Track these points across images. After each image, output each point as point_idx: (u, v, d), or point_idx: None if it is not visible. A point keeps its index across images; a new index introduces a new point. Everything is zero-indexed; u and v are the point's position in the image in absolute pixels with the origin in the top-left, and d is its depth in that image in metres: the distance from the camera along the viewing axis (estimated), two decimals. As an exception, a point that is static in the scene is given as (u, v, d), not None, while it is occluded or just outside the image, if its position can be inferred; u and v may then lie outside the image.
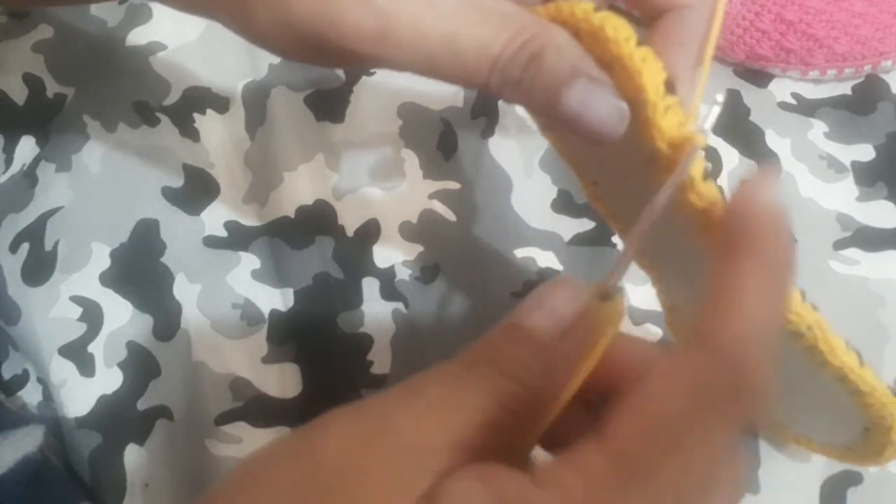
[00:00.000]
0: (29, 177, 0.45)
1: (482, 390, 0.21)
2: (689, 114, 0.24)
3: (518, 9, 0.24)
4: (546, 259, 0.43)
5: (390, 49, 0.24)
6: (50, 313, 0.42)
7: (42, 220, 0.44)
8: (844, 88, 0.47)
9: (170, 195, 0.45)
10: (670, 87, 0.23)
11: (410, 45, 0.24)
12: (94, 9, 0.50)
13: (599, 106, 0.23)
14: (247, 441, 0.39)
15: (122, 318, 0.42)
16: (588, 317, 0.22)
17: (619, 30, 0.23)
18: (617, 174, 0.30)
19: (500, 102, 0.47)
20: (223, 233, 0.44)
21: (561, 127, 0.24)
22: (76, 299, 0.42)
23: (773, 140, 0.46)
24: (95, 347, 0.41)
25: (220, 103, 0.47)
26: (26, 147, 0.46)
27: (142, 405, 0.40)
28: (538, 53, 0.23)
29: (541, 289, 0.23)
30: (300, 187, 0.45)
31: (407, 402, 0.22)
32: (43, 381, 0.41)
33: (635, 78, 0.23)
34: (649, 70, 0.23)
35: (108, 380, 0.41)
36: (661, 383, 0.19)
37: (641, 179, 0.25)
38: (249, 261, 0.43)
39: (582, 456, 0.19)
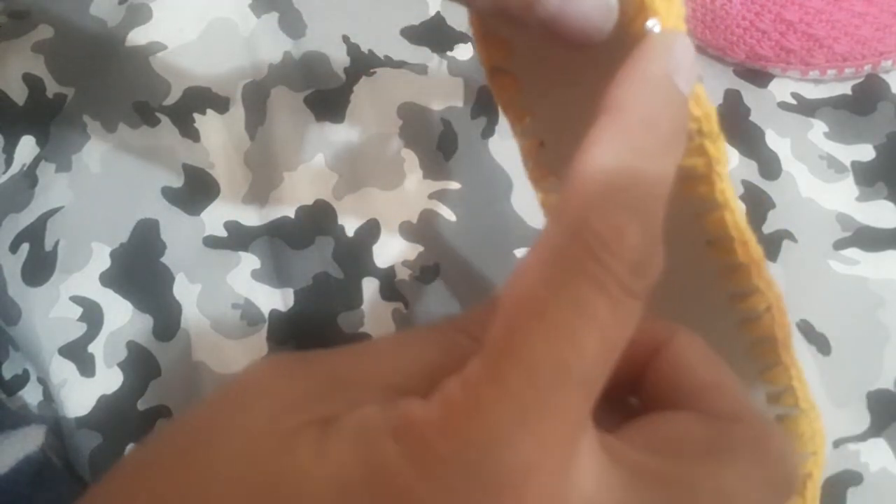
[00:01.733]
0: (29, 177, 0.45)
1: (430, 340, 0.20)
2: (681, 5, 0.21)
3: None
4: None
5: None
6: (50, 313, 0.42)
7: (42, 220, 0.44)
8: (844, 88, 0.47)
9: (170, 195, 0.45)
10: None
11: None
12: (94, 9, 0.50)
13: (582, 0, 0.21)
14: (247, 441, 0.39)
15: (122, 318, 0.42)
16: None
17: None
18: (578, 122, 0.25)
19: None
20: (223, 233, 0.44)
21: (542, 35, 0.22)
22: (76, 299, 0.42)
23: (773, 140, 0.46)
24: (95, 347, 0.41)
25: (220, 103, 0.47)
26: (26, 147, 0.46)
27: (142, 405, 0.40)
28: None
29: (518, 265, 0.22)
30: (300, 187, 0.45)
31: (350, 346, 0.20)
32: (43, 381, 0.41)
33: None
34: None
35: (108, 380, 0.41)
36: (518, 268, 0.18)
37: None
38: (249, 261, 0.43)
39: (465, 366, 0.18)
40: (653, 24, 0.20)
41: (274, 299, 0.42)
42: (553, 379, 0.17)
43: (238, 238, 0.44)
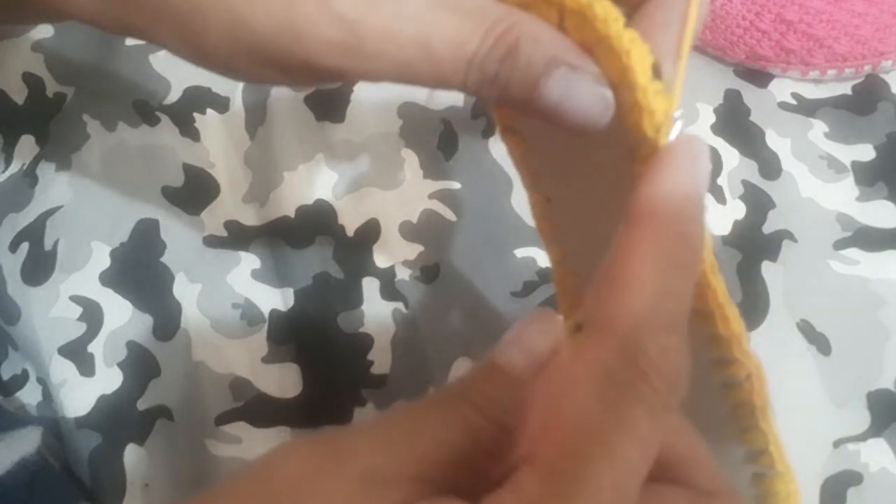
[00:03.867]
0: (29, 176, 0.45)
1: (449, 422, 0.20)
2: (674, 101, 0.22)
3: (491, 0, 0.23)
4: (546, 259, 0.43)
5: (361, 61, 0.23)
6: (50, 313, 0.42)
7: (42, 220, 0.44)
8: (844, 88, 0.47)
9: (170, 195, 0.45)
10: (657, 71, 0.22)
11: (382, 55, 0.23)
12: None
13: (582, 95, 0.22)
14: (247, 441, 0.39)
15: (122, 317, 0.42)
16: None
17: (607, 9, 0.22)
18: (580, 185, 0.28)
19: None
20: (223, 233, 0.44)
21: (544, 121, 0.23)
22: (76, 299, 0.42)
23: (773, 140, 0.46)
24: (95, 347, 0.41)
25: (220, 103, 0.47)
26: (26, 146, 0.46)
27: (142, 405, 0.40)
28: (513, 46, 0.22)
29: (517, 324, 0.22)
30: (300, 187, 0.45)
31: (373, 432, 0.21)
32: (43, 381, 0.41)
33: (623, 59, 0.21)
34: (637, 51, 0.21)
35: (108, 380, 0.41)
36: (567, 379, 0.19)
37: (611, 181, 0.24)
38: (249, 261, 0.43)
39: (517, 480, 0.18)
40: (679, 115, 0.22)
41: (274, 299, 0.42)
42: (610, 499, 0.18)
43: (238, 238, 0.44)
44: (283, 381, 0.41)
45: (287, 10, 0.22)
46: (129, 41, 0.49)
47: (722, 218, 0.44)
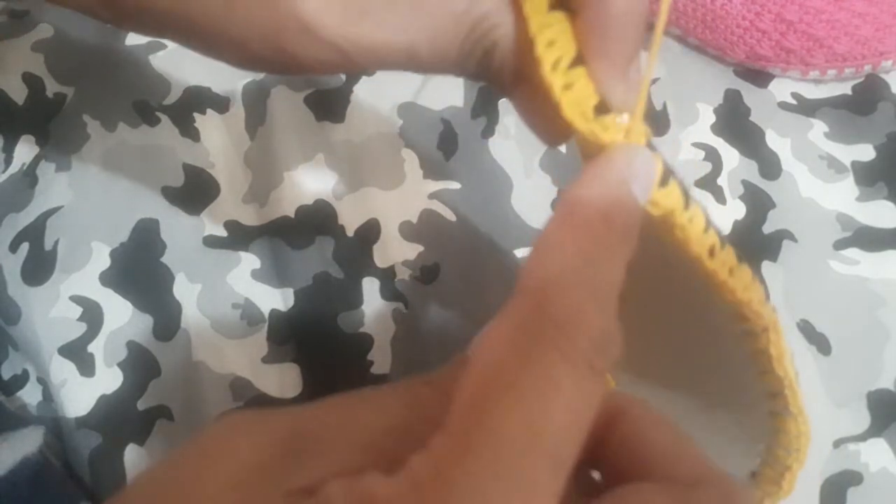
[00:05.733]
0: (29, 176, 0.45)
1: (395, 394, 0.20)
2: (635, 113, 0.22)
3: (469, 3, 0.23)
4: (546, 259, 0.43)
5: (354, 68, 0.25)
6: (50, 313, 0.42)
7: (42, 220, 0.44)
8: (844, 88, 0.47)
9: (170, 195, 0.45)
10: (602, 109, 0.21)
11: (371, 64, 0.24)
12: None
13: (538, 118, 0.24)
14: (247, 441, 0.39)
15: (122, 317, 0.42)
16: None
17: (552, 45, 0.21)
18: None
19: (500, 102, 0.47)
20: (223, 233, 0.44)
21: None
22: (76, 299, 0.42)
23: (773, 140, 0.46)
24: (95, 347, 0.41)
25: (220, 103, 0.47)
26: (26, 147, 0.46)
27: (142, 405, 0.40)
28: (490, 51, 0.24)
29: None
30: (300, 187, 0.45)
31: (317, 402, 0.21)
32: (43, 381, 0.41)
33: (559, 108, 0.21)
34: (573, 99, 0.21)
35: (108, 380, 0.41)
36: (482, 341, 0.19)
37: None
38: (249, 261, 0.43)
39: (432, 440, 0.18)
40: (622, 120, 0.22)
41: (274, 299, 0.42)
42: (522, 450, 0.17)
43: (238, 238, 0.44)
44: (283, 381, 0.41)
45: (277, 39, 0.24)
46: (129, 41, 0.49)
47: (722, 218, 0.44)
